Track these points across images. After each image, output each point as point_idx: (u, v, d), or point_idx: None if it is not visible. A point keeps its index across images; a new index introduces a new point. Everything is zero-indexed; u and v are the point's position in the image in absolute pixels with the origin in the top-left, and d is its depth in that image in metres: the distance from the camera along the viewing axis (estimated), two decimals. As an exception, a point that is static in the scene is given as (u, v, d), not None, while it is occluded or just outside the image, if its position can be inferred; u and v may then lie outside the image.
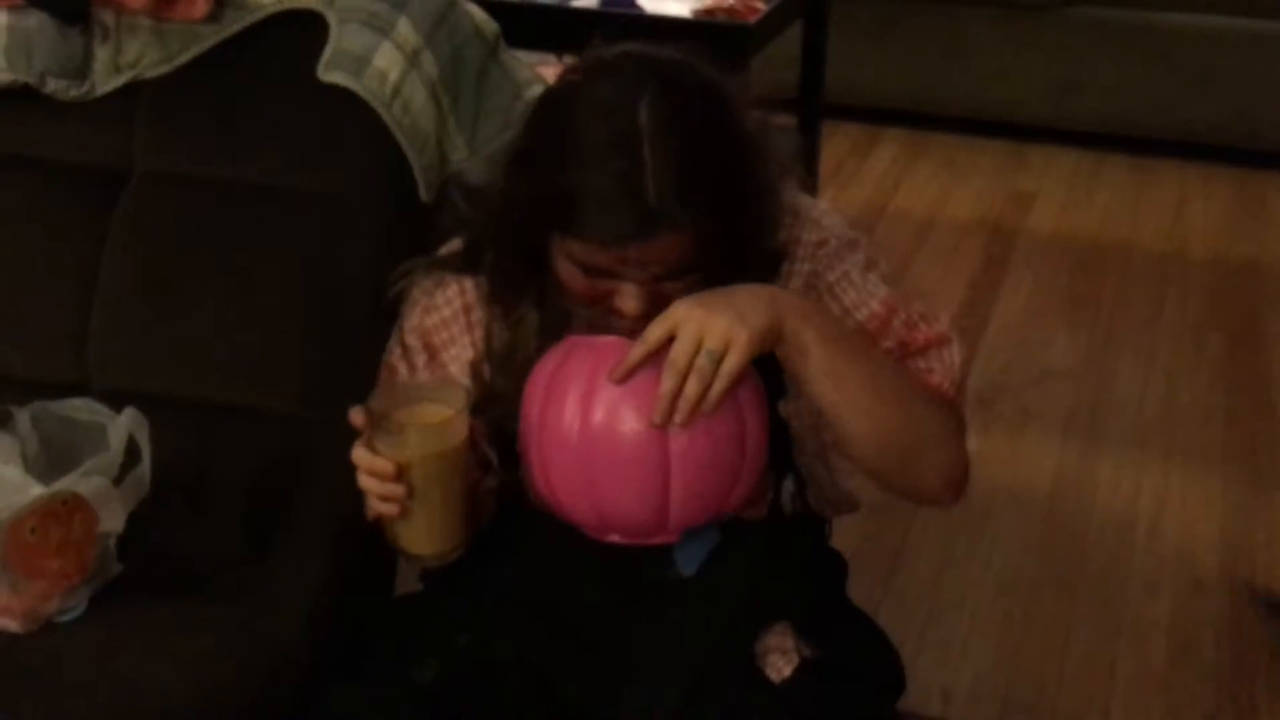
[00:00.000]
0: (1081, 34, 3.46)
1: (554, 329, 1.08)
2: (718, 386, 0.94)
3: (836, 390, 0.99)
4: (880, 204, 3.29)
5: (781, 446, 1.15)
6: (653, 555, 1.17)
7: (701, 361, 0.93)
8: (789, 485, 1.17)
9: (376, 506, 1.01)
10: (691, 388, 0.93)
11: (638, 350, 0.95)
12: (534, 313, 1.09)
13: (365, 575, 1.32)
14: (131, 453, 1.16)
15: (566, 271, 1.02)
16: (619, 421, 0.96)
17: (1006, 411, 2.44)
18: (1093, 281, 2.90)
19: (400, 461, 0.99)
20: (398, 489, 0.99)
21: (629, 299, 0.99)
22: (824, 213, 1.14)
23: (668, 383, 0.94)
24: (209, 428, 1.29)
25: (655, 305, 0.99)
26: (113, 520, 1.14)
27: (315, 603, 1.24)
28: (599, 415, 0.96)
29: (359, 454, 1.00)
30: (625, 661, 1.11)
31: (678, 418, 0.94)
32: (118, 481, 1.14)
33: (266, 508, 1.27)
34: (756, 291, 0.98)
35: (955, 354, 1.11)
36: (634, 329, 0.99)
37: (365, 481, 1.00)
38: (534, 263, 1.05)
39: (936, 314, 1.12)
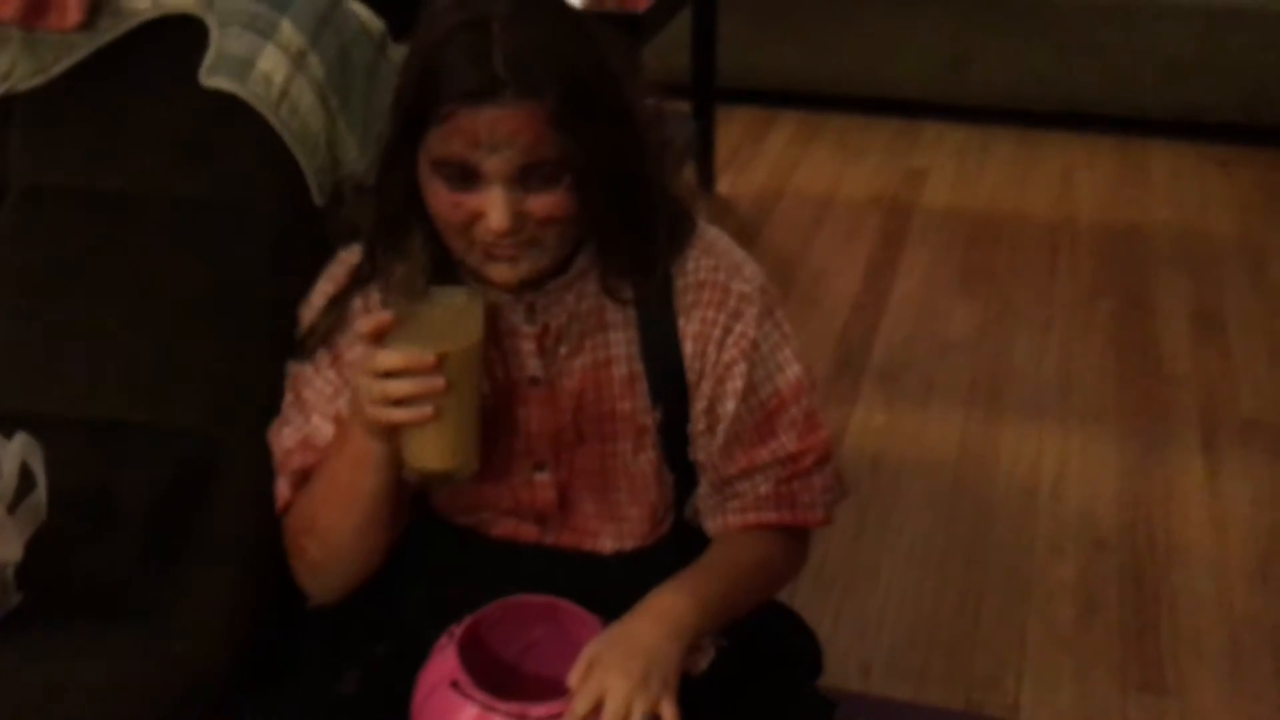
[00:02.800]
0: (966, 11, 3.53)
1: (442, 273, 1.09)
2: None
3: (719, 624, 1.11)
4: (778, 186, 3.32)
5: (686, 469, 1.17)
6: (571, 565, 1.18)
7: None
8: (693, 500, 1.20)
9: (403, 416, 0.99)
10: None
11: None
12: (423, 255, 1.08)
13: (280, 588, 1.30)
14: (26, 478, 1.13)
15: (434, 194, 1.02)
16: None
17: (911, 385, 2.48)
18: (987, 254, 2.97)
19: (437, 354, 0.98)
20: (437, 381, 0.98)
21: (495, 209, 0.99)
22: (745, 259, 1.15)
23: None
24: (107, 446, 1.26)
25: (523, 227, 1.01)
26: (9, 549, 1.10)
27: (228, 619, 1.22)
28: None
29: (389, 356, 0.99)
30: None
31: None
32: (12, 509, 1.11)
33: (173, 525, 1.24)
34: (659, 630, 1.02)
35: (830, 472, 1.17)
36: (503, 256, 1.02)
37: (396, 387, 0.98)
38: (414, 202, 1.05)
39: (820, 409, 1.17)
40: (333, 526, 1.11)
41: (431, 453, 1.02)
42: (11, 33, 1.28)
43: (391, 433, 1.03)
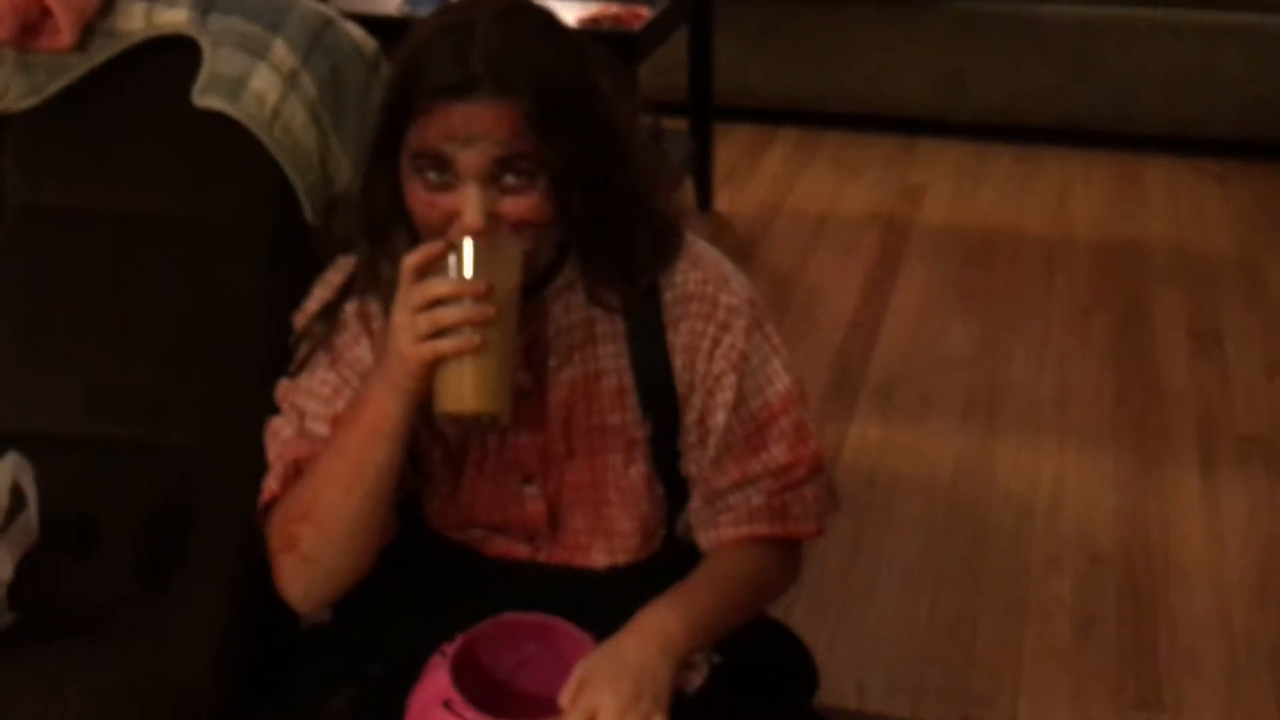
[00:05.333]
0: (962, 27, 3.54)
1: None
2: None
3: (711, 640, 1.12)
4: (775, 203, 3.33)
5: (676, 483, 1.17)
6: (563, 583, 1.18)
7: None
8: (684, 515, 1.20)
9: (450, 345, 0.98)
10: None
11: None
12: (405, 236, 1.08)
13: (271, 606, 1.30)
14: (17, 498, 1.13)
15: (413, 194, 1.03)
16: None
17: (907, 401, 2.48)
18: (984, 270, 2.97)
19: (487, 282, 0.98)
20: (487, 309, 0.97)
21: (468, 208, 1.00)
22: (733, 272, 1.15)
23: None
24: (98, 466, 1.26)
25: (496, 229, 1.01)
26: (1, 569, 1.10)
27: (218, 637, 1.22)
28: None
29: (440, 282, 0.98)
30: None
31: None
32: (3, 529, 1.11)
33: (163, 543, 1.25)
34: (650, 647, 1.03)
35: (822, 484, 1.17)
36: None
37: (446, 314, 0.97)
38: (397, 203, 1.06)
39: (812, 420, 1.17)
40: (334, 507, 1.07)
41: (471, 391, 1.00)
42: (5, 54, 1.29)
43: (422, 384, 1.01)
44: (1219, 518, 2.14)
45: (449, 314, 0.98)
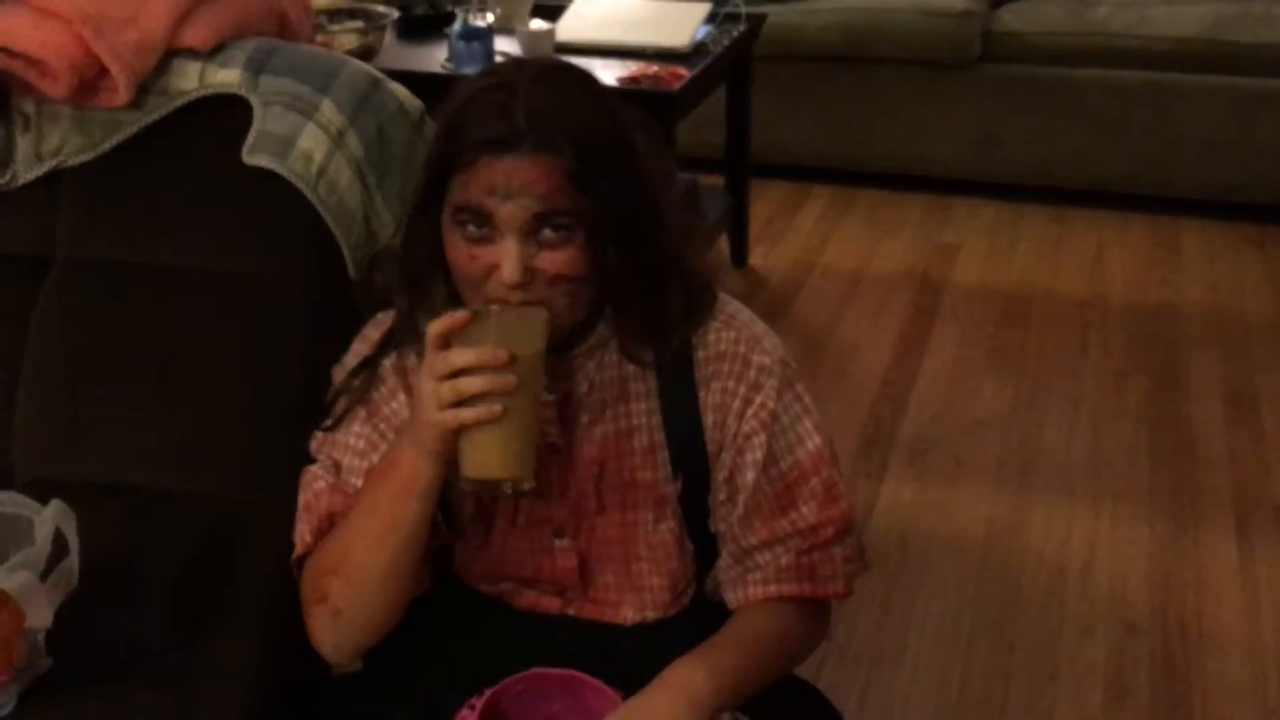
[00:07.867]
0: (998, 90, 3.56)
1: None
2: None
3: (738, 698, 1.10)
4: (809, 260, 3.34)
5: (707, 540, 1.18)
6: (592, 637, 1.18)
7: None
8: (713, 573, 1.20)
9: (472, 414, 0.99)
10: None
11: None
12: (446, 309, 1.10)
13: (302, 656, 1.30)
14: (59, 545, 1.14)
15: (453, 246, 1.05)
16: None
17: (939, 462, 2.48)
18: (1017, 331, 2.97)
19: (509, 352, 0.99)
20: (509, 378, 0.99)
21: (507, 261, 1.02)
22: (765, 332, 1.17)
23: None
24: (138, 514, 1.28)
25: (533, 282, 1.03)
26: (40, 616, 1.12)
27: (249, 688, 1.23)
28: None
29: (462, 353, 0.99)
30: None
31: None
32: (45, 575, 1.12)
33: (199, 593, 1.26)
34: (677, 704, 1.04)
35: (851, 544, 1.17)
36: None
37: (468, 383, 0.99)
38: (437, 257, 1.08)
39: (842, 481, 1.17)
40: (364, 562, 1.09)
41: (493, 459, 1.02)
42: (63, 110, 1.32)
43: (449, 447, 1.03)
44: (1254, 586, 2.12)
45: (470, 384, 0.99)
